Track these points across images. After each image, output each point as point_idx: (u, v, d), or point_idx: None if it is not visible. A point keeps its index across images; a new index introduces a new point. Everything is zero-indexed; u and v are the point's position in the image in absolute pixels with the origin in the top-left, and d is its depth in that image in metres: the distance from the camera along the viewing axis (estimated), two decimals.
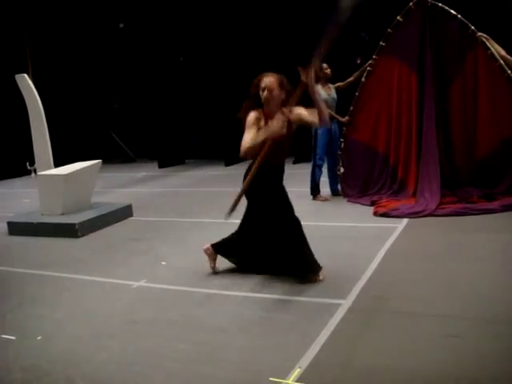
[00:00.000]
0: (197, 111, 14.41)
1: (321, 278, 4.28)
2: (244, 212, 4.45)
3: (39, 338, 3.62)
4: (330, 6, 3.91)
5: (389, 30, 7.17)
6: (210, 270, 4.68)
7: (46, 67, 13.85)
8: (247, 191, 4.20)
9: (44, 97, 7.83)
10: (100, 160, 7.59)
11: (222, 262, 4.77)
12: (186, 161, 14.22)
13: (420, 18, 6.95)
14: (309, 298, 3.98)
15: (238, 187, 4.31)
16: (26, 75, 7.61)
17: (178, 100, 14.19)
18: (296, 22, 11.99)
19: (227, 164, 12.52)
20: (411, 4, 6.97)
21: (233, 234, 4.58)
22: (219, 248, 4.65)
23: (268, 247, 4.38)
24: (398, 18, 7.10)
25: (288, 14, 12.20)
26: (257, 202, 4.30)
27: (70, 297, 4.44)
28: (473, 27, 6.60)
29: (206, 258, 4.69)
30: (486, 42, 6.55)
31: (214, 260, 4.68)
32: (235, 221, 4.42)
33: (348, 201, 7.41)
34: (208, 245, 4.68)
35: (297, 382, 2.80)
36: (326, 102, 7.48)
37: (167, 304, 4.10)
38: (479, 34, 6.58)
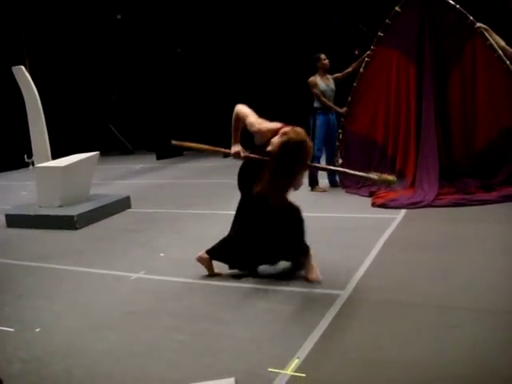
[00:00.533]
0: (195, 102, 14.37)
1: (319, 277, 4.04)
2: (237, 211, 4.31)
3: (38, 330, 3.62)
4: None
5: (387, 20, 7.15)
6: None
7: (43, 59, 13.81)
8: (240, 185, 4.20)
9: (41, 89, 7.81)
10: (98, 152, 7.57)
11: None
12: (184, 152, 14.20)
13: (418, 8, 6.93)
14: (307, 288, 3.98)
15: (235, 178, 4.29)
16: (22, 67, 7.58)
17: (176, 91, 14.16)
18: (293, 15, 11.95)
19: (225, 156, 12.48)
20: None
21: (228, 236, 4.33)
22: (214, 253, 4.35)
23: (267, 240, 4.18)
24: (397, 8, 7.08)
25: (286, 6, 12.15)
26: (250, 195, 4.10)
27: (69, 289, 4.44)
28: (471, 17, 6.58)
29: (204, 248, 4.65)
30: (485, 33, 6.52)
31: (210, 267, 4.40)
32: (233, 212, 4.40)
33: (346, 192, 7.42)
34: (201, 253, 4.38)
35: (295, 372, 2.80)
36: (324, 92, 7.50)
37: (166, 295, 4.10)
38: (478, 24, 6.56)
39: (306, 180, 7.54)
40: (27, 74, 7.53)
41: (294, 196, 4.36)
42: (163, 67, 13.68)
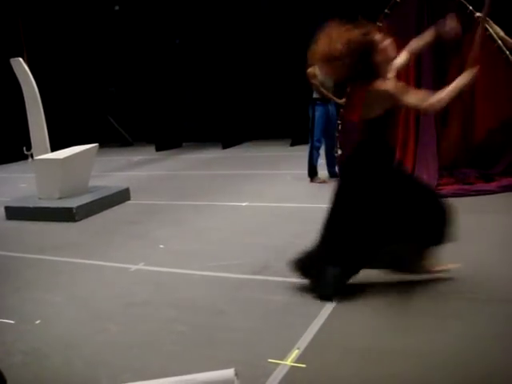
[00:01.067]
0: (193, 94, 14.33)
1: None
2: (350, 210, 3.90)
3: (38, 321, 3.62)
4: None
5: (386, 10, 7.12)
6: (208, 253, 4.69)
7: (41, 51, 13.74)
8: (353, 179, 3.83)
9: (40, 81, 7.77)
10: (97, 144, 7.55)
11: (219, 245, 4.75)
12: (183, 144, 14.18)
13: None
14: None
15: (234, 170, 4.28)
16: (21, 59, 7.54)
17: (175, 83, 14.11)
18: (293, 6, 11.89)
19: (224, 147, 12.49)
20: None
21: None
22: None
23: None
24: None
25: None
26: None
27: (68, 280, 4.44)
28: (471, 7, 6.55)
29: (207, 239, 4.63)
30: (485, 23, 6.49)
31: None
32: (234, 203, 4.40)
33: None
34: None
35: (295, 363, 2.81)
36: (323, 83, 7.48)
37: (165, 287, 4.10)
38: (477, 14, 6.52)
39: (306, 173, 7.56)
40: (25, 66, 7.50)
41: (291, 186, 4.36)
42: (162, 58, 13.63)
